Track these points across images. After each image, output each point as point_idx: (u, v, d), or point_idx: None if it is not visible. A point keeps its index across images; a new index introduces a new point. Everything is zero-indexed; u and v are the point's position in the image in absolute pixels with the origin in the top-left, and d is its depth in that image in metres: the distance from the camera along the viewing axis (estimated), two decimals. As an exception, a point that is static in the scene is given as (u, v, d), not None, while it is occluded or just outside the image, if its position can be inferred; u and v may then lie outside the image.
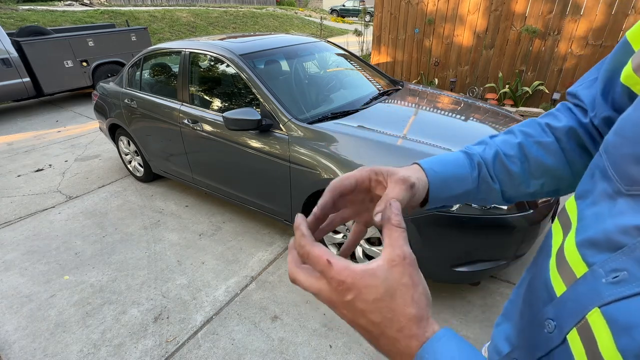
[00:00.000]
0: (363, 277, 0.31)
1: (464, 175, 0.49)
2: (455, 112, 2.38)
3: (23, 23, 8.61)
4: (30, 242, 2.62)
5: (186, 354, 1.74)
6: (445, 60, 5.40)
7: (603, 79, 0.45)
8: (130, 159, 3.50)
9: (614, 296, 0.30)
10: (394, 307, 0.31)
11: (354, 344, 1.77)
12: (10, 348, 1.80)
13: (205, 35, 11.37)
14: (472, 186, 0.50)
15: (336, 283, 0.32)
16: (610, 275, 0.31)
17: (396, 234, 0.32)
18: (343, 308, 0.33)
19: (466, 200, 0.51)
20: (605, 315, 0.30)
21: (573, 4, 4.26)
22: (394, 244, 0.32)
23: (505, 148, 0.51)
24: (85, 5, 12.58)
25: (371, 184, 0.44)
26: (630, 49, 0.40)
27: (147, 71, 3.07)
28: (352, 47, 6.79)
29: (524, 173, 0.50)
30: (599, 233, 0.33)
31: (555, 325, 0.36)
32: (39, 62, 5.57)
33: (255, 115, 2.04)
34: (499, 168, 0.50)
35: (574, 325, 0.33)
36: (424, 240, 1.71)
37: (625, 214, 0.32)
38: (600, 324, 0.31)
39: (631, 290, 0.29)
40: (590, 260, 0.33)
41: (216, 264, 2.34)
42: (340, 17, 22.07)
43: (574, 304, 0.34)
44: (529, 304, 0.43)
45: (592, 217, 0.35)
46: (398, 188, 0.42)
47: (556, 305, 0.37)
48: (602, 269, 0.32)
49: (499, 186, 0.51)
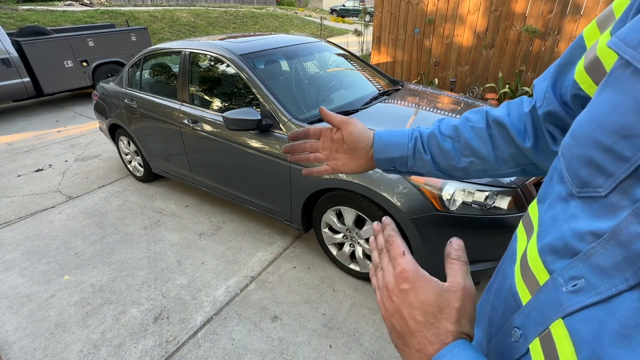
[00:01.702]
0: (422, 279, 0.36)
1: (402, 143, 0.62)
2: (455, 112, 2.38)
3: (23, 23, 8.61)
4: (30, 242, 2.62)
5: (186, 354, 1.74)
6: (445, 60, 5.40)
7: (554, 72, 0.47)
8: (130, 159, 3.50)
9: (574, 306, 0.29)
10: (438, 317, 0.34)
11: (354, 344, 1.77)
12: (10, 348, 1.80)
13: (205, 35, 11.36)
14: (407, 153, 0.61)
15: (400, 269, 0.37)
16: (570, 284, 0.30)
17: (456, 267, 0.36)
18: (396, 295, 0.37)
19: (404, 165, 0.62)
20: (568, 326, 0.30)
21: (573, 4, 4.26)
22: (455, 275, 0.36)
23: (443, 128, 0.61)
24: (85, 5, 12.58)
25: (331, 133, 0.66)
26: (584, 45, 0.41)
27: (147, 71, 3.07)
28: (352, 47, 6.79)
29: (454, 150, 0.59)
30: (557, 239, 0.33)
31: (520, 334, 0.36)
32: (39, 62, 5.56)
33: (255, 115, 2.04)
34: (433, 143, 0.60)
35: (537, 335, 0.33)
36: (424, 240, 1.71)
37: (578, 217, 0.31)
38: (562, 335, 0.30)
39: (589, 299, 0.28)
40: (551, 267, 0.33)
41: (216, 264, 2.34)
42: (340, 17, 22.07)
43: (538, 313, 0.34)
44: (497, 310, 0.43)
45: (549, 221, 0.36)
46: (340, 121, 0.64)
47: (522, 314, 0.37)
48: (561, 277, 0.32)
49: (430, 157, 0.60)
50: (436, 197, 1.65)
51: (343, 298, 2.04)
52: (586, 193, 0.31)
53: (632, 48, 0.28)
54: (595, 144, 0.30)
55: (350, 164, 0.66)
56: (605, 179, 0.29)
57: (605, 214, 0.29)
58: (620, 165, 0.28)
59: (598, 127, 0.30)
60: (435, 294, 0.35)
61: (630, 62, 0.28)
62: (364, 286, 2.12)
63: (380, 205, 1.79)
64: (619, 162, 0.28)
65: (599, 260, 0.28)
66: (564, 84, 0.45)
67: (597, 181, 0.30)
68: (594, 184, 0.30)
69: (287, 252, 2.44)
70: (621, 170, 0.28)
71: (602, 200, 0.29)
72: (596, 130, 0.31)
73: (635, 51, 0.28)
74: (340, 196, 1.95)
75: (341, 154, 0.66)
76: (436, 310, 0.34)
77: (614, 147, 0.28)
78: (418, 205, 1.67)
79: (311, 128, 0.69)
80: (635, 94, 0.27)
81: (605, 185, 0.29)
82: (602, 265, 0.28)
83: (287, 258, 2.38)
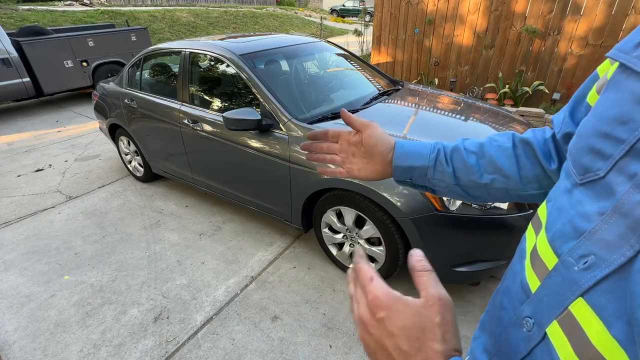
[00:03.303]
0: (396, 302, 0.34)
1: (424, 154, 0.62)
2: (455, 112, 2.38)
3: (23, 23, 8.61)
4: (30, 242, 2.62)
5: (186, 354, 1.74)
6: (445, 60, 5.40)
7: (572, 101, 0.51)
8: (130, 159, 3.50)
9: (590, 282, 0.31)
10: (423, 340, 0.32)
11: (354, 344, 1.77)
12: (10, 348, 1.80)
13: (205, 35, 11.36)
14: (428, 163, 0.61)
15: (371, 297, 0.34)
16: (581, 262, 0.32)
17: (425, 278, 0.34)
18: (373, 326, 0.34)
19: (422, 176, 0.62)
20: (590, 302, 0.31)
21: (573, 4, 4.26)
22: (426, 287, 0.34)
23: (468, 144, 0.62)
24: (85, 6, 12.58)
25: (350, 136, 0.66)
26: (596, 77, 0.46)
27: (147, 71, 3.07)
28: (352, 47, 6.79)
29: (478, 166, 0.59)
30: (565, 224, 0.36)
31: (533, 322, 0.37)
32: (39, 62, 5.56)
33: (255, 115, 2.04)
34: (456, 157, 0.61)
35: (555, 318, 0.34)
36: (424, 240, 1.71)
37: (583, 202, 0.34)
38: (586, 312, 0.31)
39: (602, 272, 0.30)
40: (560, 251, 0.35)
41: (216, 264, 2.34)
42: (340, 17, 22.07)
43: (551, 297, 0.35)
44: (506, 308, 0.43)
45: (556, 213, 0.38)
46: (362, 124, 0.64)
47: (532, 302, 0.38)
48: (571, 257, 0.33)
49: (451, 170, 0.60)
50: (436, 197, 1.65)
51: (343, 298, 2.04)
52: (587, 178, 0.34)
53: (626, 53, 0.34)
54: (597, 133, 0.34)
55: (365, 169, 0.65)
56: (604, 161, 0.33)
57: (605, 193, 0.32)
58: (617, 147, 0.31)
59: (599, 120, 0.35)
60: (413, 315, 0.32)
61: (626, 64, 0.33)
62: (364, 286, 2.12)
63: (380, 205, 1.79)
64: (616, 144, 0.32)
65: (605, 234, 0.30)
66: (580, 111, 0.48)
67: (597, 165, 0.33)
68: (594, 168, 0.34)
69: (287, 252, 2.44)
70: (618, 151, 0.31)
71: (601, 181, 0.32)
72: (598, 123, 0.35)
73: (629, 55, 0.33)
74: (340, 196, 1.95)
75: (358, 158, 0.66)
76: (419, 333, 0.32)
77: (612, 132, 0.32)
78: (418, 205, 1.67)
79: (330, 130, 0.68)
80: (630, 88, 0.32)
81: (603, 167, 0.32)
82: (608, 238, 0.30)
83: (287, 258, 2.38)
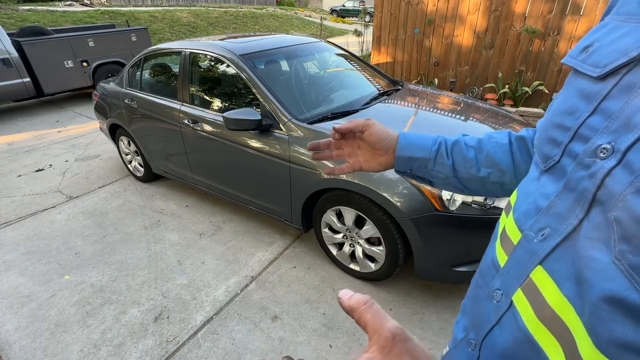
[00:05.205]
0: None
1: (426, 146, 0.65)
2: (455, 112, 2.38)
3: (23, 23, 8.61)
4: (31, 242, 2.62)
5: (186, 353, 1.74)
6: (445, 60, 5.40)
7: None
8: (130, 159, 3.50)
9: (545, 250, 0.36)
10: None
11: (354, 344, 1.77)
12: (10, 348, 1.81)
13: (205, 35, 11.37)
14: (429, 155, 0.64)
15: None
16: (539, 235, 0.37)
17: (369, 315, 0.29)
18: None
19: (423, 168, 0.65)
20: (546, 268, 0.36)
21: (573, 4, 4.26)
22: (375, 328, 0.28)
23: (467, 140, 0.66)
24: (86, 6, 12.59)
25: (362, 129, 0.65)
26: None
27: (147, 71, 3.07)
28: (352, 47, 6.79)
29: (476, 160, 0.63)
30: (530, 204, 0.41)
31: (502, 293, 0.41)
32: (39, 62, 5.57)
33: (255, 116, 2.04)
34: (456, 150, 0.64)
35: (519, 287, 0.38)
36: (424, 240, 1.71)
37: (545, 185, 0.39)
38: (543, 277, 0.36)
39: (554, 241, 0.35)
40: (523, 227, 0.40)
41: (216, 263, 2.34)
42: (340, 17, 22.07)
43: (515, 269, 0.40)
44: (480, 287, 0.48)
45: (523, 196, 0.43)
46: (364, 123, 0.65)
47: (501, 275, 0.42)
48: (531, 231, 0.38)
49: (451, 163, 0.64)
50: (436, 197, 1.65)
51: (343, 298, 2.04)
52: (549, 164, 0.39)
53: (574, 58, 0.40)
54: (552, 125, 0.40)
55: (371, 161, 0.68)
56: (558, 148, 0.38)
57: (561, 175, 0.37)
58: (566, 134, 0.37)
59: (554, 114, 0.41)
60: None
61: (573, 67, 0.40)
62: (364, 286, 2.12)
63: (380, 205, 1.80)
64: (565, 132, 0.37)
65: (558, 208, 0.36)
66: None
67: (553, 152, 0.39)
68: (552, 154, 0.39)
69: (287, 252, 2.44)
70: (566, 137, 0.37)
71: (558, 165, 0.38)
72: (553, 116, 0.41)
73: (576, 59, 0.40)
74: (340, 196, 1.95)
75: (363, 150, 0.68)
76: None
77: (562, 122, 0.38)
78: (418, 205, 1.67)
79: (335, 127, 0.69)
80: (577, 85, 0.38)
81: (558, 153, 0.38)
82: (560, 212, 0.35)
83: (287, 258, 2.38)
